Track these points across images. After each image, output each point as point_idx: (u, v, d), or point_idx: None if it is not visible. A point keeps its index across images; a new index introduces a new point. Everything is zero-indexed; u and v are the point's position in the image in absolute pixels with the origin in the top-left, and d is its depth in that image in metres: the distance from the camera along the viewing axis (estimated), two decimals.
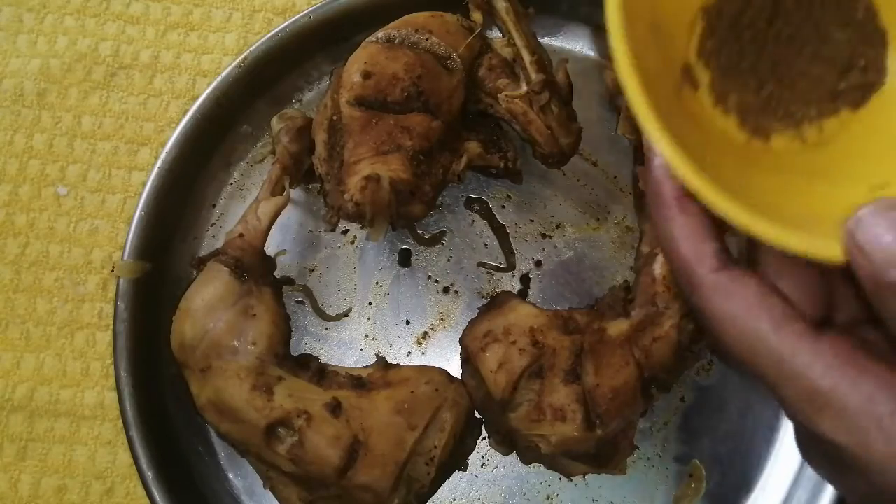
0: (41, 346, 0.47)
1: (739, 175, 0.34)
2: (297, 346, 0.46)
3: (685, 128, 0.34)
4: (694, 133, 0.35)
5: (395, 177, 0.40)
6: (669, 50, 0.36)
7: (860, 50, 0.36)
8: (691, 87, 0.37)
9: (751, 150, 0.36)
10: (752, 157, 0.36)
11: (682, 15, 0.37)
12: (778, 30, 0.37)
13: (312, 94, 0.50)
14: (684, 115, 0.35)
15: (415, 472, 0.39)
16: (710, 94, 0.37)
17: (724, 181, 0.32)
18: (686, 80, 0.36)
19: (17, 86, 0.51)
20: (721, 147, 0.36)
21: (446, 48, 0.42)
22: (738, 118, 0.36)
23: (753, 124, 0.36)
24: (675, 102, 0.35)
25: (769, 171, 0.35)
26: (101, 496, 0.45)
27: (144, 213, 0.45)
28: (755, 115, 0.36)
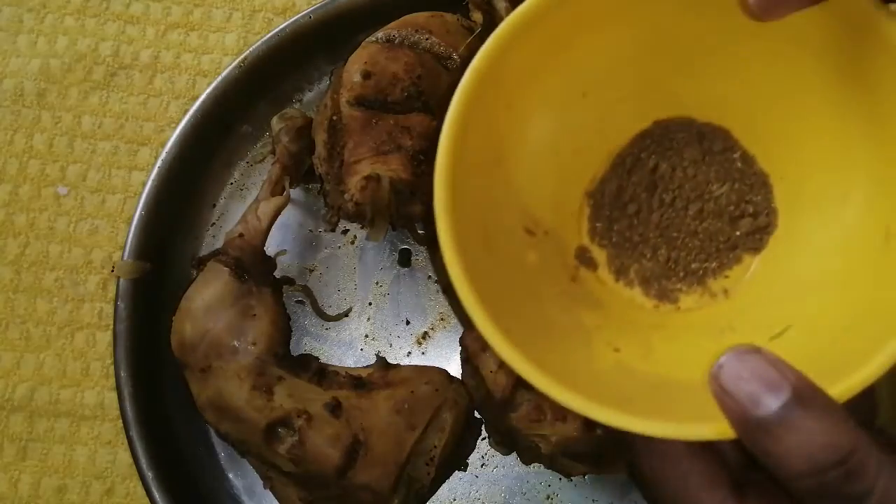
0: (41, 346, 0.47)
1: (643, 344, 0.34)
2: (297, 346, 0.46)
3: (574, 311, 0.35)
4: (588, 315, 0.35)
5: (395, 177, 0.40)
6: (556, 241, 0.37)
7: (746, 197, 0.37)
8: (590, 268, 0.37)
9: (661, 315, 0.37)
10: (661, 323, 0.36)
11: (566, 204, 0.38)
12: (660, 197, 0.37)
13: (312, 94, 0.50)
14: (577, 299, 0.36)
15: (415, 472, 0.39)
16: (610, 270, 0.37)
17: (620, 355, 0.33)
18: (583, 262, 0.37)
19: (17, 86, 0.51)
20: (626, 319, 0.36)
21: (446, 48, 0.42)
22: (642, 287, 0.37)
23: (657, 290, 0.37)
24: (568, 289, 0.36)
25: (678, 333, 0.36)
26: (101, 496, 0.45)
27: (144, 213, 0.45)
28: (657, 281, 0.37)
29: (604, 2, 0.32)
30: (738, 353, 0.26)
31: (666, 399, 0.30)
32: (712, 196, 0.37)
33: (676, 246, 0.37)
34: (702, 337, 0.35)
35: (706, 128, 0.37)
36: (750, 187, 0.37)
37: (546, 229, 0.36)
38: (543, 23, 0.31)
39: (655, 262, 0.37)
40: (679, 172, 0.37)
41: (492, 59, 0.31)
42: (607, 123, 0.37)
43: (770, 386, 0.25)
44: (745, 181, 0.37)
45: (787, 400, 0.25)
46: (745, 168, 0.37)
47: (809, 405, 0.25)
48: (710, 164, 0.37)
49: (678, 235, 0.37)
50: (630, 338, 0.34)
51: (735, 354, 0.26)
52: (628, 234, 0.37)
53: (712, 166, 0.37)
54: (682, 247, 0.37)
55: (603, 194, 0.38)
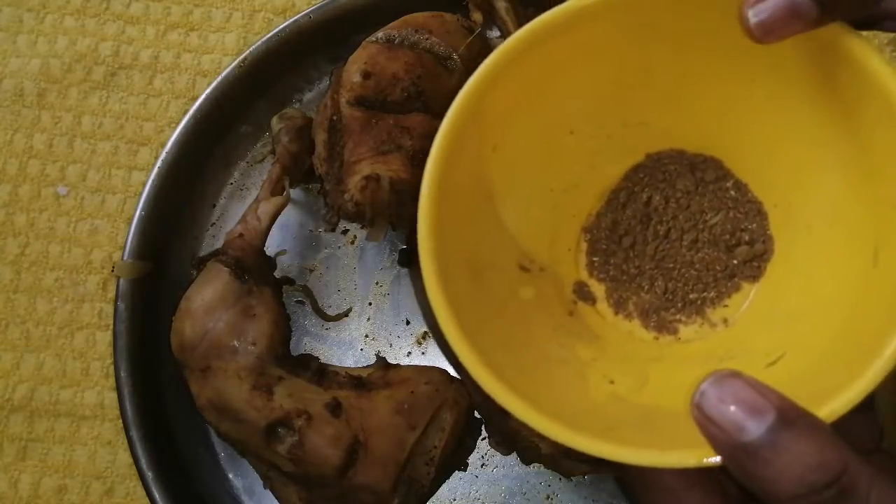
0: (41, 346, 0.47)
1: (638, 375, 0.34)
2: (297, 346, 0.46)
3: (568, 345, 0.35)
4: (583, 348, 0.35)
5: (395, 177, 0.40)
6: (552, 277, 0.37)
7: (742, 225, 0.37)
8: (588, 303, 0.38)
9: (660, 347, 0.37)
10: (660, 354, 0.36)
11: (561, 240, 0.38)
12: (655, 229, 0.38)
13: (312, 94, 0.50)
14: (574, 332, 0.36)
15: (415, 472, 0.39)
16: (609, 304, 0.38)
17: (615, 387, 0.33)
18: (581, 297, 0.38)
19: (17, 86, 0.51)
20: (624, 352, 0.36)
21: (446, 48, 0.42)
22: (641, 320, 0.37)
23: (656, 322, 0.37)
24: (564, 323, 0.36)
25: (676, 364, 0.36)
26: (101, 496, 0.45)
27: (144, 213, 0.45)
28: (656, 313, 0.37)
29: (583, 40, 0.32)
30: (718, 378, 0.26)
31: (653, 428, 0.30)
32: (707, 225, 0.37)
33: (673, 277, 0.37)
34: (700, 367, 0.35)
35: (698, 158, 0.37)
36: (745, 215, 0.37)
37: (542, 266, 0.37)
38: (523, 63, 0.31)
39: (653, 294, 0.37)
40: (672, 203, 0.38)
41: (473, 100, 0.31)
42: (599, 159, 0.37)
43: (753, 410, 0.25)
44: (739, 209, 0.37)
45: (773, 423, 0.25)
46: (739, 196, 0.37)
47: (796, 426, 0.25)
48: (704, 193, 0.37)
49: (674, 266, 0.37)
50: (626, 370, 0.34)
51: (715, 380, 0.26)
52: (625, 267, 0.38)
53: (706, 196, 0.37)
54: (679, 277, 0.37)
55: (598, 229, 0.38)
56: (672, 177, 0.38)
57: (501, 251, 0.35)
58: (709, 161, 0.37)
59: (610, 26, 0.32)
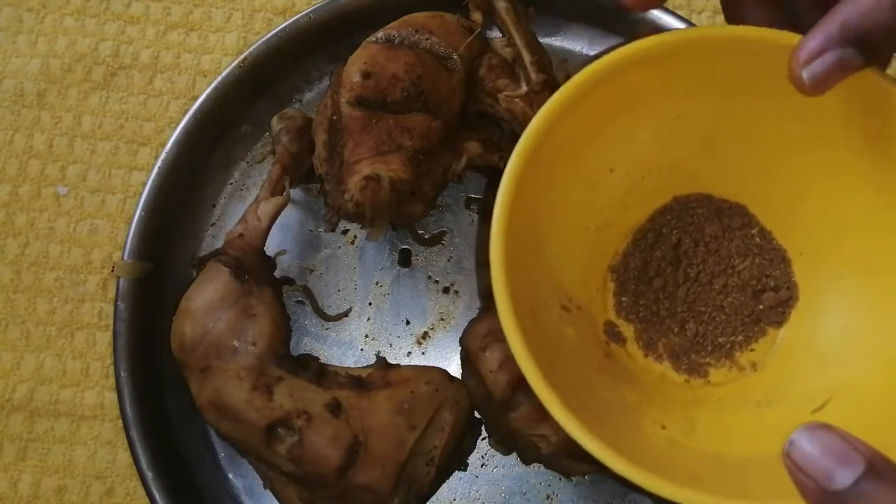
0: (41, 346, 0.47)
1: (686, 420, 0.34)
2: (297, 346, 0.46)
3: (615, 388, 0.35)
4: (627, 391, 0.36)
5: (395, 177, 0.40)
6: (588, 316, 0.37)
7: (767, 272, 0.38)
8: (619, 343, 0.38)
9: (693, 390, 0.37)
10: (697, 398, 0.37)
11: (591, 280, 0.38)
12: (685, 272, 0.38)
13: (312, 94, 0.50)
14: (615, 375, 0.36)
15: (415, 472, 0.39)
16: (639, 345, 0.38)
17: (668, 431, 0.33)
18: (611, 337, 0.38)
19: (17, 86, 0.51)
20: (663, 395, 0.37)
21: (446, 48, 0.42)
22: (672, 362, 0.38)
23: (687, 364, 0.38)
24: (606, 365, 0.36)
25: (716, 408, 0.36)
26: (101, 496, 0.45)
27: (144, 213, 0.45)
28: (686, 355, 0.38)
29: (628, 86, 0.33)
30: (809, 429, 0.26)
31: (732, 476, 0.31)
32: (735, 270, 0.38)
33: (704, 320, 0.38)
34: (739, 411, 0.35)
35: (724, 204, 0.38)
36: (770, 262, 0.38)
37: (579, 305, 0.37)
38: (576, 107, 0.32)
39: (683, 337, 0.38)
40: (702, 247, 0.38)
41: (536, 141, 0.31)
42: (630, 199, 0.38)
43: (843, 460, 0.25)
44: (764, 256, 0.38)
45: (862, 473, 0.24)
46: (764, 243, 0.38)
47: (884, 478, 0.25)
48: (731, 239, 0.38)
49: (705, 310, 0.38)
50: (672, 414, 0.35)
51: (805, 431, 0.26)
52: (655, 308, 0.38)
53: (733, 241, 0.38)
54: (710, 321, 0.38)
55: (627, 269, 0.39)
56: (700, 220, 0.38)
57: (548, 292, 0.35)
58: (735, 207, 0.38)
59: (652, 73, 0.33)
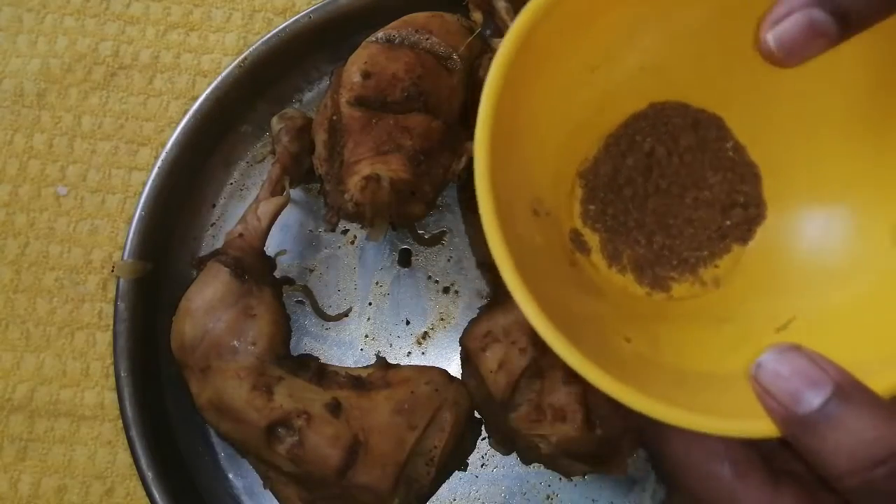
0: (41, 346, 0.47)
1: (648, 333, 0.34)
2: (297, 346, 0.46)
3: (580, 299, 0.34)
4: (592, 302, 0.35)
5: (395, 177, 0.40)
6: (555, 223, 0.36)
7: (737, 187, 0.37)
8: (583, 253, 0.37)
9: (655, 304, 0.36)
10: (659, 312, 0.36)
11: (561, 184, 0.37)
12: (656, 183, 0.37)
13: (312, 94, 0.50)
14: (580, 284, 0.35)
15: (415, 472, 0.39)
16: (603, 255, 0.37)
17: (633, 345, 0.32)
18: (576, 246, 0.37)
19: (17, 86, 0.51)
20: (625, 308, 0.36)
21: (446, 48, 0.42)
22: (635, 274, 0.37)
23: (651, 278, 0.37)
24: (571, 275, 0.35)
25: (678, 323, 0.35)
26: (101, 496, 0.45)
27: (144, 213, 0.45)
28: (650, 268, 0.37)
29: None
30: (778, 350, 0.26)
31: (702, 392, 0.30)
32: (707, 184, 0.37)
33: (671, 234, 0.37)
34: (701, 327, 0.35)
35: (701, 114, 0.37)
36: (741, 177, 0.37)
37: (548, 210, 0.36)
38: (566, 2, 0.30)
39: (649, 249, 0.37)
40: (675, 158, 0.37)
41: (522, 36, 0.30)
42: (607, 102, 0.36)
43: (811, 382, 0.24)
44: (736, 170, 0.37)
45: (829, 396, 0.24)
46: (737, 157, 0.37)
47: (852, 401, 0.24)
48: (705, 151, 0.37)
49: (674, 223, 0.37)
50: (635, 327, 0.34)
51: (774, 352, 0.26)
52: (623, 218, 0.37)
53: (706, 154, 0.37)
54: (678, 234, 0.37)
55: (597, 175, 0.37)
56: (675, 130, 0.37)
57: (522, 193, 0.34)
58: (711, 118, 0.37)
59: None
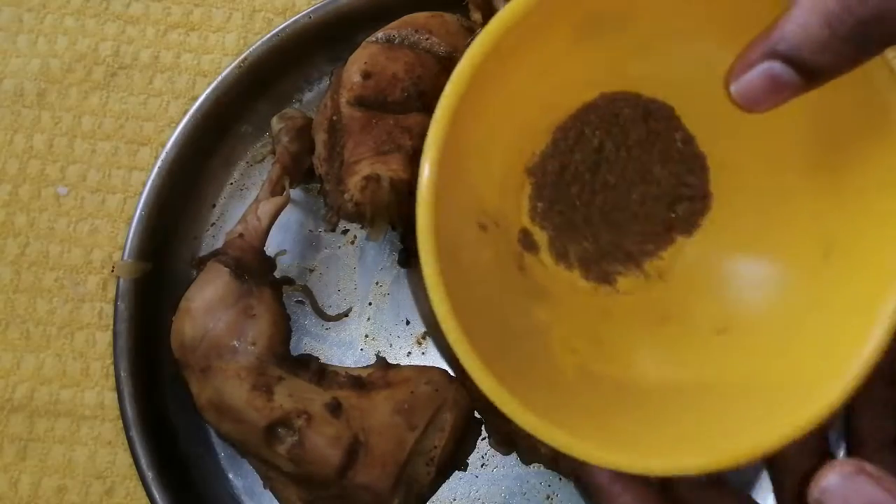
0: (41, 346, 0.47)
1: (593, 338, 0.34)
2: (297, 346, 0.46)
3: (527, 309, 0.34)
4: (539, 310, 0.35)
5: (395, 177, 0.40)
6: (504, 231, 0.35)
7: (684, 179, 0.36)
8: (531, 252, 0.36)
9: (601, 301, 0.36)
10: (604, 309, 0.36)
11: (510, 183, 0.36)
12: (604, 178, 0.36)
13: (312, 94, 0.50)
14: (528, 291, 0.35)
15: (415, 472, 0.39)
16: (551, 253, 0.36)
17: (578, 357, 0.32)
18: (525, 246, 0.36)
19: (17, 86, 0.51)
20: (572, 307, 0.36)
21: (446, 48, 0.42)
22: (582, 270, 0.36)
23: (597, 272, 0.36)
24: (519, 282, 0.35)
25: (622, 322, 0.35)
26: (101, 496, 0.45)
27: (144, 213, 0.45)
28: (597, 263, 0.36)
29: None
30: (843, 474, 0.25)
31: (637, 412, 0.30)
32: (654, 179, 0.36)
33: (618, 229, 0.36)
34: (644, 326, 0.35)
35: (652, 104, 0.36)
36: (688, 169, 0.36)
37: (496, 220, 0.35)
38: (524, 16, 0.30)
39: (596, 245, 0.36)
40: (623, 153, 0.36)
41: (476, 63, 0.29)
42: (555, 97, 0.36)
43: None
44: (684, 163, 0.36)
45: None
46: (685, 148, 0.36)
47: None
48: (654, 143, 0.36)
49: (621, 218, 0.36)
50: (579, 330, 0.34)
51: (840, 477, 0.25)
52: (570, 214, 0.36)
53: (655, 146, 0.36)
54: (625, 230, 0.36)
55: (545, 172, 0.37)
56: (625, 123, 0.36)
57: (467, 211, 0.33)
58: (662, 108, 0.36)
59: None
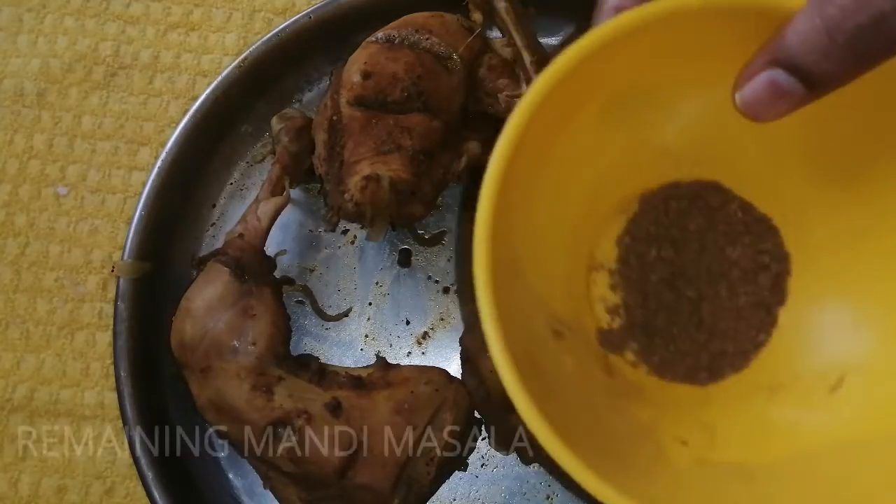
0: (41, 346, 0.47)
1: (703, 428, 0.32)
2: (297, 346, 0.46)
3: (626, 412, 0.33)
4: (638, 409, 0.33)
5: (395, 177, 0.40)
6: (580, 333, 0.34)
7: (759, 247, 0.35)
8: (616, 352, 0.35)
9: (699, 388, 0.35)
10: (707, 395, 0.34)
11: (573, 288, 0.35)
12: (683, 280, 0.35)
13: (312, 94, 0.50)
14: (622, 393, 0.34)
15: (415, 472, 0.39)
16: (638, 357, 0.35)
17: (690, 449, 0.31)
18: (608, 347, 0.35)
19: (17, 86, 0.51)
20: (672, 400, 0.34)
21: (446, 48, 0.42)
22: (681, 377, 0.35)
23: (702, 378, 0.35)
24: (610, 386, 0.34)
25: (729, 404, 0.34)
26: (101, 496, 0.45)
27: (144, 213, 0.45)
28: (703, 371, 0.35)
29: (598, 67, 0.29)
30: None
31: (765, 494, 0.29)
32: (731, 262, 0.35)
33: (723, 335, 0.35)
34: (753, 403, 0.33)
35: (696, 186, 0.35)
36: (759, 236, 0.35)
37: (569, 325, 0.34)
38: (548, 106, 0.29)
39: (699, 354, 0.34)
40: (691, 251, 0.35)
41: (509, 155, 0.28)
42: (598, 187, 0.35)
43: None
44: (751, 232, 0.35)
45: None
46: (747, 217, 0.35)
47: None
48: (716, 226, 0.35)
49: (720, 321, 0.34)
50: (688, 423, 0.32)
51: None
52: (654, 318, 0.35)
53: (719, 227, 0.35)
54: (730, 334, 0.34)
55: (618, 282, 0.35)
56: (679, 217, 0.35)
57: (538, 321, 0.32)
58: (707, 186, 0.35)
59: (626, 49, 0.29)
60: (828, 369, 0.32)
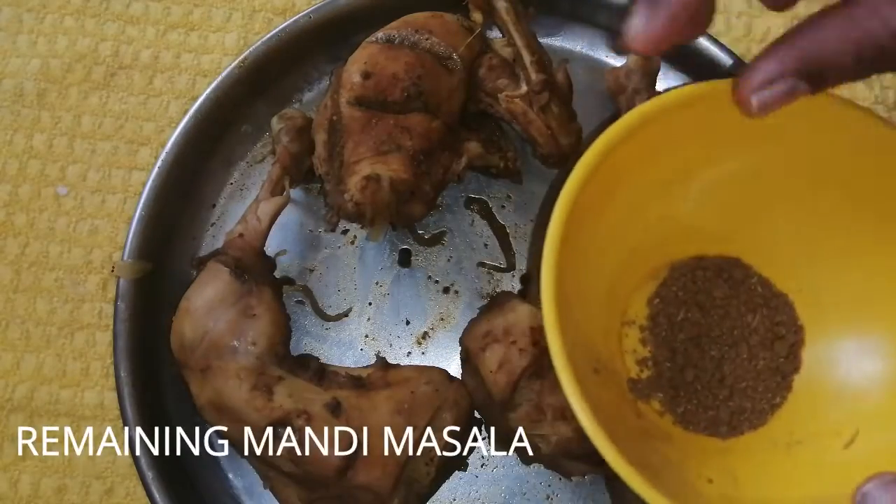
0: (41, 346, 0.47)
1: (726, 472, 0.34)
2: (297, 346, 0.46)
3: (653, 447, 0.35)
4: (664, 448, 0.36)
5: (395, 177, 0.40)
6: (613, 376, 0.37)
7: (776, 319, 0.38)
8: (645, 400, 0.38)
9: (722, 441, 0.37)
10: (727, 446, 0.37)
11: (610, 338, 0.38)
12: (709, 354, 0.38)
13: (312, 94, 0.50)
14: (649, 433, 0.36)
15: (415, 472, 0.39)
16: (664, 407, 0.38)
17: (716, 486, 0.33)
18: (637, 394, 0.38)
19: (17, 86, 0.51)
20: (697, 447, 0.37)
21: (446, 48, 0.42)
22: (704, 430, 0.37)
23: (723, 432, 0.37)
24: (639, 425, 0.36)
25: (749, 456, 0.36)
26: (101, 496, 0.45)
27: (144, 213, 0.45)
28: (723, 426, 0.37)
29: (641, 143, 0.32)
30: (885, 482, 0.26)
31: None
32: (751, 329, 0.38)
33: (738, 392, 0.38)
34: (772, 455, 0.36)
35: (720, 260, 0.39)
36: (776, 310, 0.38)
37: (605, 365, 0.37)
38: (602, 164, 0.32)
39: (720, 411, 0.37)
40: (715, 316, 0.38)
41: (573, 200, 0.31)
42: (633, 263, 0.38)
43: None
44: (769, 305, 0.38)
45: None
46: (765, 292, 0.38)
47: None
48: (738, 295, 0.38)
49: (740, 381, 0.38)
50: (712, 466, 0.35)
51: (881, 484, 0.26)
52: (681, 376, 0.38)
53: (741, 297, 0.38)
54: (743, 392, 0.38)
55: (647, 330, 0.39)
56: (706, 286, 0.38)
57: (583, 356, 0.34)
58: (730, 261, 0.39)
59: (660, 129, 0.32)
60: (842, 427, 0.34)
